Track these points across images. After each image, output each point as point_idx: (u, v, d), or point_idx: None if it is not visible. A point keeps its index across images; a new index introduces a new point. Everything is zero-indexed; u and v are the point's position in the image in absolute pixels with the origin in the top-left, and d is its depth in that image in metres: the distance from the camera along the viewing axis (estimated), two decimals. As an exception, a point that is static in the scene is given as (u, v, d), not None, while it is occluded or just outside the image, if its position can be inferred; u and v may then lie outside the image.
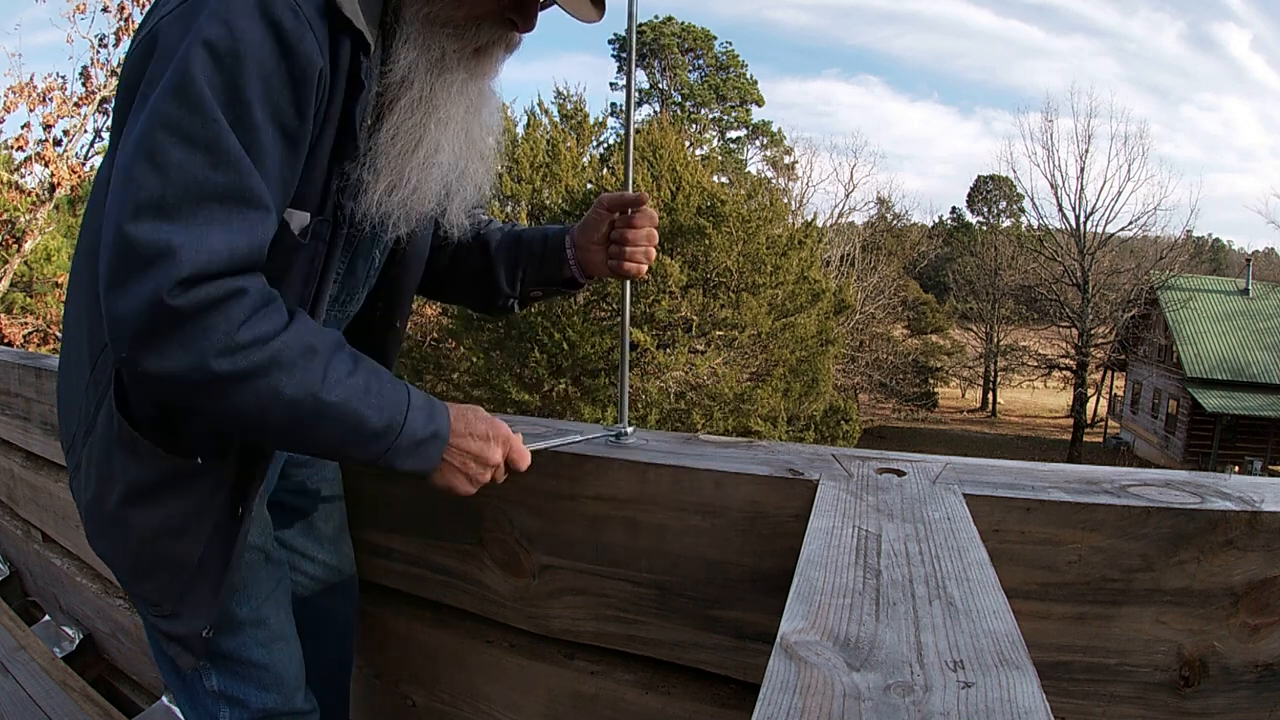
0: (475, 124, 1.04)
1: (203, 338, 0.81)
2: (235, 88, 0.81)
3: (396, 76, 0.95)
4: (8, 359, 2.37)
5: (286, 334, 0.86)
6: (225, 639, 1.07)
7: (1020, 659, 0.55)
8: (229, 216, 0.82)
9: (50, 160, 10.96)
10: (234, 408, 0.85)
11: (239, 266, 0.83)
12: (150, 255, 0.79)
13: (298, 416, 0.87)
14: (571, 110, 17.65)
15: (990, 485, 0.95)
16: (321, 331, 0.91)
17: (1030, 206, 37.35)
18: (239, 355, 0.82)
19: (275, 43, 0.83)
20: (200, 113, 0.80)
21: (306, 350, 0.87)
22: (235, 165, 0.82)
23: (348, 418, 0.89)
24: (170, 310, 0.79)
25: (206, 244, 0.81)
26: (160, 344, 0.81)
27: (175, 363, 0.81)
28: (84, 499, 1.01)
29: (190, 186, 0.80)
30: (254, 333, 0.83)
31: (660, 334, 14.33)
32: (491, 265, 1.27)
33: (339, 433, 0.90)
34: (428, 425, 0.95)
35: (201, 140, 0.81)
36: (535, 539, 1.19)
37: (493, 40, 1.00)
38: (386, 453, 0.93)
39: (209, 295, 0.81)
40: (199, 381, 0.82)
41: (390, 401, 0.92)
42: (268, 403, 0.85)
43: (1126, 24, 76.89)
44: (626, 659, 1.16)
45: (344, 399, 0.88)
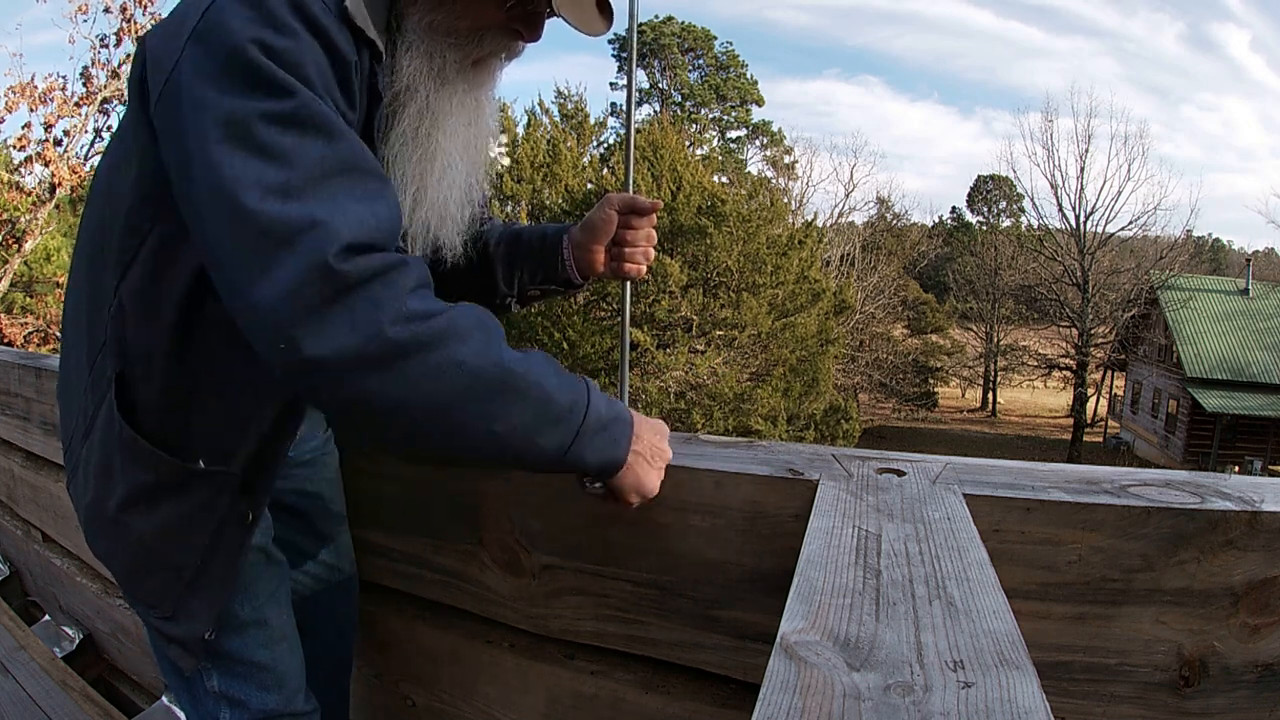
0: (474, 136, 1.03)
1: (373, 309, 0.73)
2: (301, 70, 0.79)
3: (401, 85, 0.94)
4: (8, 359, 2.38)
5: (457, 307, 0.79)
6: (227, 639, 1.07)
7: (1020, 659, 0.55)
8: (358, 188, 0.77)
9: (51, 160, 10.95)
10: (410, 388, 0.76)
11: (388, 238, 0.79)
12: (293, 231, 0.73)
13: (482, 391, 0.78)
14: (572, 110, 17.66)
15: (990, 485, 0.95)
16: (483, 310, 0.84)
17: (1030, 206, 37.40)
18: (416, 323, 0.75)
19: (314, 36, 0.81)
20: (290, 96, 0.77)
21: (480, 323, 0.81)
22: (346, 137, 0.79)
23: (534, 390, 0.81)
24: (337, 276, 0.72)
25: (354, 215, 0.75)
26: (325, 321, 0.73)
27: (342, 339, 0.73)
28: (83, 501, 1.01)
29: (311, 165, 0.75)
30: (425, 304, 0.77)
31: (660, 334, 14.33)
32: (490, 264, 1.26)
33: (526, 411, 0.81)
34: (610, 407, 0.88)
35: (305, 120, 0.77)
36: (535, 539, 1.19)
37: (494, 51, 0.99)
38: (576, 436, 0.84)
39: (374, 264, 0.74)
40: (375, 355, 0.74)
41: (571, 380, 0.85)
42: (450, 377, 0.76)
43: (1126, 24, 76.93)
44: (626, 659, 1.16)
45: (528, 371, 0.81)
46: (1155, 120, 78.17)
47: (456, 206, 1.04)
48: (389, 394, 0.76)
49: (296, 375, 0.76)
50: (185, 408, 0.95)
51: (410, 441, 0.83)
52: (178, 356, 0.92)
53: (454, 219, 1.05)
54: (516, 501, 1.19)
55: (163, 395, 0.94)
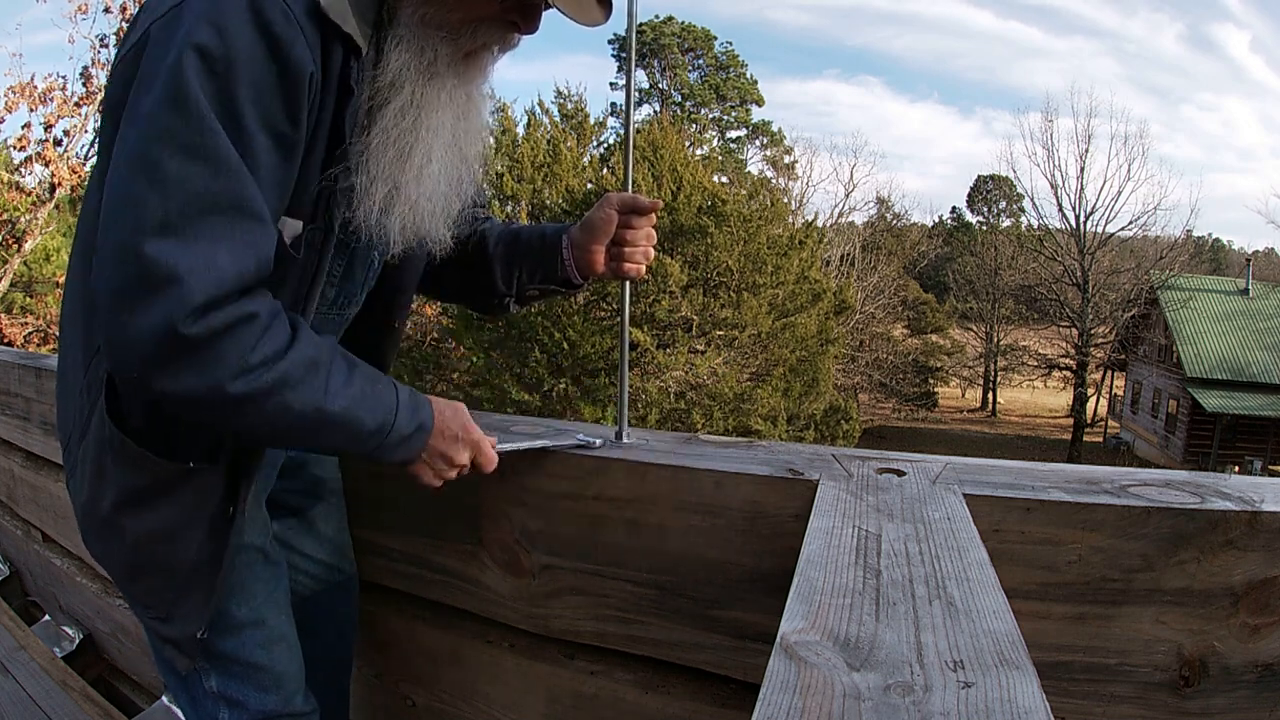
0: (463, 131, 1.03)
1: (217, 363, 0.82)
2: (228, 95, 0.81)
3: (387, 79, 0.94)
4: (8, 359, 2.37)
5: (293, 352, 0.88)
6: (225, 640, 1.07)
7: (1020, 659, 0.55)
8: (233, 231, 0.82)
9: (50, 160, 10.96)
10: (244, 423, 0.88)
11: (246, 285, 0.84)
12: (159, 280, 0.79)
13: (303, 426, 0.90)
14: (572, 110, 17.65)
15: (990, 485, 0.94)
16: (319, 342, 0.92)
17: (1030, 206, 37.38)
18: (251, 377, 0.84)
19: (266, 48, 0.82)
20: (196, 121, 0.80)
21: (310, 365, 0.89)
22: (235, 175, 0.82)
23: (348, 423, 0.93)
24: (184, 339, 0.80)
25: (215, 265, 0.81)
26: (173, 369, 0.82)
27: (189, 386, 0.83)
28: (79, 501, 1.01)
29: (192, 200, 0.80)
30: (264, 354, 0.85)
31: (660, 334, 14.33)
32: (488, 264, 1.26)
33: (339, 436, 0.94)
34: (412, 421, 0.99)
35: (199, 150, 0.80)
36: (535, 539, 1.19)
37: (487, 43, 0.99)
38: (378, 448, 0.97)
39: (222, 322, 0.82)
40: (213, 402, 0.84)
41: (383, 403, 0.96)
42: (278, 417, 0.88)
43: (1126, 25, 76.93)
44: (626, 659, 1.16)
45: (344, 407, 0.92)
46: (1155, 120, 78.27)
47: (441, 201, 1.03)
48: (231, 423, 0.90)
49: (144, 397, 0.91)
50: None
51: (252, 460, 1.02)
52: None
53: (437, 214, 1.04)
54: (516, 501, 1.19)
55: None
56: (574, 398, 13.63)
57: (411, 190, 0.98)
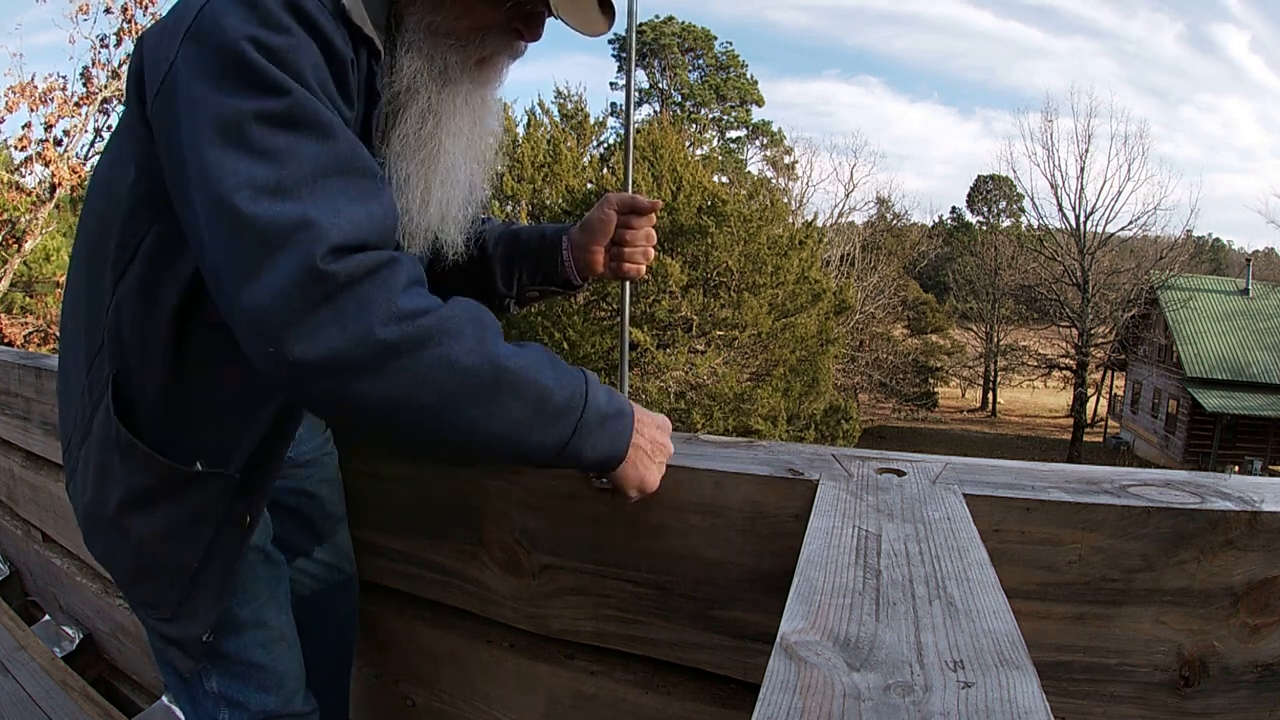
0: (478, 136, 1.03)
1: (362, 309, 0.72)
2: (297, 71, 0.78)
3: (402, 85, 0.94)
4: (8, 359, 2.37)
5: (450, 304, 0.78)
6: (225, 640, 1.07)
7: (1020, 659, 0.55)
8: (352, 188, 0.77)
9: (51, 160, 10.96)
10: (403, 388, 0.74)
11: (382, 238, 0.78)
12: (283, 231, 0.72)
13: (476, 390, 0.77)
14: (572, 110, 17.66)
15: (990, 485, 0.94)
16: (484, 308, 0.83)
17: (1030, 206, 37.32)
18: (406, 322, 0.74)
19: (312, 34, 0.80)
20: (282, 93, 0.76)
21: (474, 319, 0.79)
22: (340, 136, 0.78)
23: (530, 387, 0.80)
24: (325, 278, 0.71)
25: (345, 215, 0.74)
26: (313, 323, 0.72)
27: (332, 340, 0.72)
28: (81, 502, 1.00)
29: (303, 165, 0.75)
30: (416, 301, 0.76)
31: (660, 334, 14.33)
32: (488, 265, 1.26)
33: (522, 408, 0.80)
34: (611, 401, 0.87)
35: (294, 119, 0.76)
36: (535, 539, 1.19)
37: (497, 51, 0.99)
38: (574, 433, 0.83)
39: (363, 263, 0.73)
40: (364, 356, 0.72)
41: (569, 373, 0.84)
42: (442, 376, 0.75)
43: (1126, 25, 76.91)
44: (626, 659, 1.16)
45: (524, 366, 0.80)
46: (1155, 120, 78.28)
47: (459, 206, 1.04)
48: (381, 394, 0.74)
49: (286, 379, 0.75)
50: (182, 410, 0.94)
51: (405, 439, 0.82)
52: (175, 357, 0.92)
53: (456, 219, 1.04)
54: (517, 501, 1.19)
55: (160, 397, 0.93)
56: (574, 398, 13.62)
57: (438, 193, 0.98)
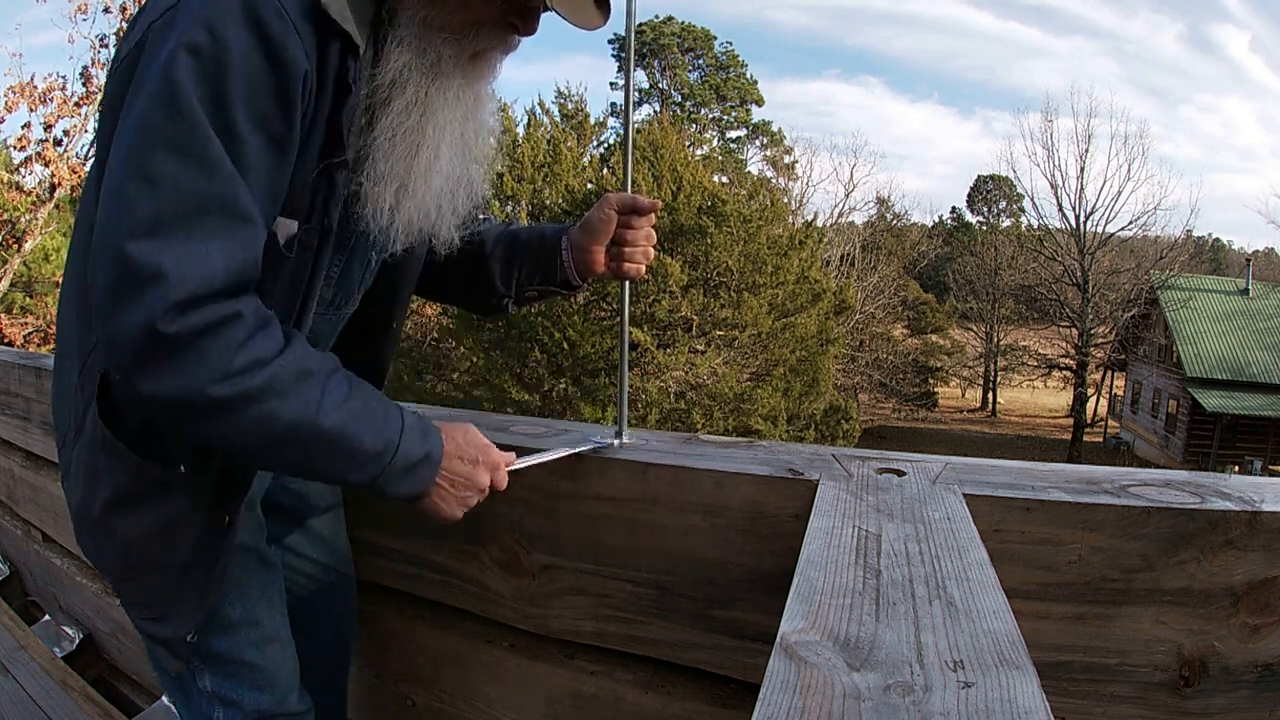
0: (471, 129, 1.03)
1: (198, 364, 0.80)
2: (221, 96, 0.81)
3: (388, 78, 0.94)
4: (8, 359, 2.38)
5: (282, 358, 0.85)
6: (218, 640, 1.07)
7: (1020, 659, 0.55)
8: (221, 232, 0.81)
9: (50, 160, 10.96)
10: (229, 432, 0.84)
11: (233, 287, 0.83)
12: (143, 278, 0.78)
13: (293, 441, 0.86)
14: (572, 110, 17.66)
15: (990, 485, 0.94)
16: (316, 355, 0.90)
17: (1030, 206, 37.31)
18: (234, 381, 0.82)
19: (260, 47, 0.81)
20: (189, 124, 0.80)
21: (302, 374, 0.86)
22: (226, 178, 0.82)
23: (343, 442, 0.88)
24: (164, 337, 0.79)
25: (201, 264, 0.80)
26: (155, 368, 0.80)
27: (170, 387, 0.81)
28: (73, 501, 1.01)
29: (182, 201, 0.80)
30: (250, 357, 0.82)
31: (660, 334, 14.33)
32: (487, 265, 1.26)
33: (334, 458, 0.89)
34: (421, 447, 0.95)
35: (191, 152, 0.80)
36: (535, 539, 1.19)
37: (491, 45, 0.99)
38: (380, 476, 0.92)
39: (204, 320, 0.80)
40: (194, 406, 0.82)
41: (385, 425, 0.92)
42: (263, 428, 0.84)
43: (1126, 25, 76.95)
44: (626, 659, 1.16)
45: (339, 423, 0.88)
46: (1155, 120, 78.40)
47: (448, 199, 1.04)
48: (211, 434, 0.86)
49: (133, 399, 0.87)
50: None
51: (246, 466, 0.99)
52: None
53: (445, 212, 1.04)
54: (516, 501, 1.19)
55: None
56: (574, 398, 13.63)
57: (419, 187, 0.98)
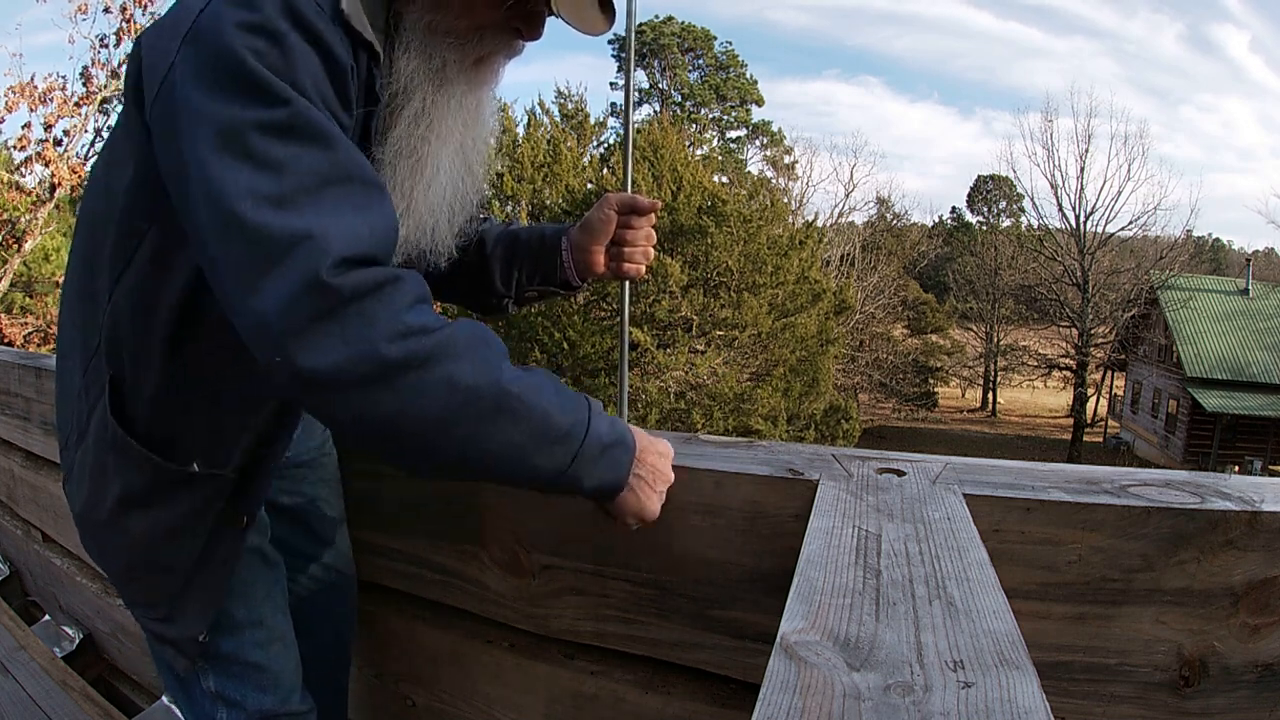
0: (470, 139, 1.02)
1: (367, 325, 0.73)
2: (295, 80, 0.78)
3: (399, 85, 0.93)
4: (8, 359, 2.37)
5: (454, 324, 0.78)
6: (223, 640, 1.07)
7: (1020, 659, 0.55)
8: (355, 198, 0.77)
9: (51, 160, 10.96)
10: (405, 405, 0.75)
11: (384, 251, 0.78)
12: (288, 242, 0.72)
13: (477, 411, 0.77)
14: (572, 110, 17.67)
15: (990, 485, 0.94)
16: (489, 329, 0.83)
17: (1030, 206, 37.33)
18: (411, 340, 0.74)
19: (313, 43, 0.80)
20: (283, 103, 0.76)
21: (479, 340, 0.79)
22: (341, 145, 0.78)
23: (532, 411, 0.80)
24: (330, 291, 0.72)
25: (348, 227, 0.74)
26: (319, 334, 0.72)
27: (338, 354, 0.72)
28: (78, 502, 1.01)
29: (308, 177, 0.75)
30: (420, 319, 0.76)
31: (660, 334, 14.33)
32: (487, 265, 1.26)
33: (523, 432, 0.80)
34: (612, 430, 0.87)
35: (295, 129, 0.76)
36: (535, 539, 1.19)
37: (495, 50, 0.98)
38: (574, 460, 0.83)
39: (368, 279, 0.74)
40: (367, 372, 0.73)
41: (572, 400, 0.84)
42: (444, 395, 0.75)
43: (1126, 25, 76.89)
44: (626, 659, 1.16)
45: (526, 390, 0.80)
46: (1155, 120, 78.32)
47: (447, 211, 1.02)
48: (383, 410, 0.75)
49: (292, 386, 0.75)
50: (179, 411, 0.94)
51: (403, 456, 0.82)
52: (173, 360, 0.92)
53: (444, 223, 1.03)
54: (517, 501, 1.19)
55: (156, 398, 0.93)
56: (574, 398, 13.61)
57: (421, 203, 0.97)
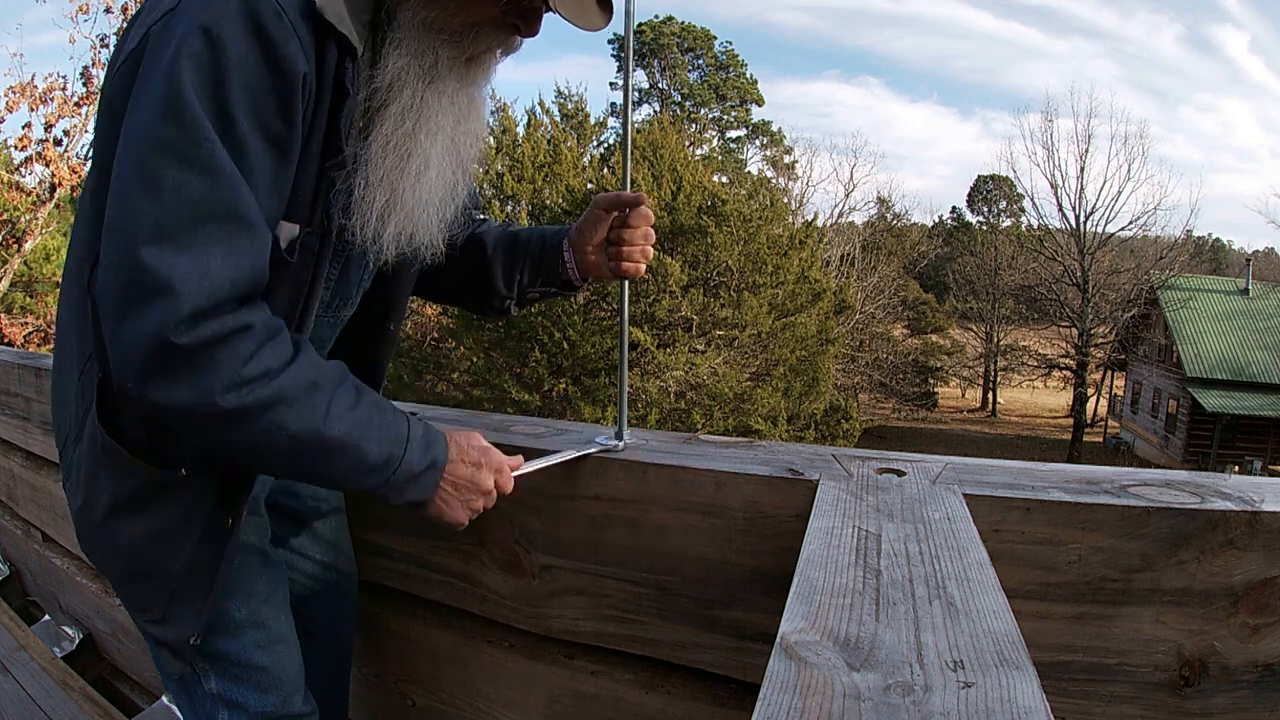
0: (461, 135, 1.02)
1: (209, 374, 0.81)
2: (222, 100, 0.81)
3: (385, 81, 0.93)
4: (8, 359, 2.37)
5: (291, 368, 0.86)
6: (224, 641, 1.07)
7: (1020, 659, 0.55)
8: (228, 239, 0.82)
9: (51, 160, 10.97)
10: (237, 441, 0.86)
11: (242, 296, 0.84)
12: (154, 287, 0.79)
13: (299, 450, 0.87)
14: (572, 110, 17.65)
15: (990, 485, 0.94)
16: (324, 364, 0.91)
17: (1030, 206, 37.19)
18: (245, 391, 0.83)
19: (259, 49, 0.81)
20: (192, 131, 0.80)
21: (310, 386, 0.87)
22: (230, 183, 0.82)
23: (349, 452, 0.90)
24: (176, 348, 0.79)
25: (210, 274, 0.80)
26: (166, 378, 0.81)
27: (180, 397, 0.81)
28: (74, 504, 1.01)
29: (187, 209, 0.80)
30: (260, 368, 0.83)
31: (660, 334, 14.33)
32: (488, 267, 1.26)
33: (339, 466, 0.90)
34: (424, 458, 0.96)
35: (194, 160, 0.80)
36: (535, 539, 1.19)
37: (490, 47, 0.98)
38: (384, 484, 0.94)
39: (215, 331, 0.81)
40: (204, 416, 0.83)
41: (391, 435, 0.93)
42: (272, 438, 0.85)
43: (1125, 26, 76.94)
44: (626, 659, 1.16)
45: (345, 433, 0.89)
46: (1154, 121, 78.50)
47: (436, 206, 1.03)
48: (219, 443, 0.86)
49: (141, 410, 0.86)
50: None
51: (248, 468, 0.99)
52: None
53: (433, 220, 1.04)
54: (516, 501, 1.19)
55: None
56: (574, 398, 13.62)
57: (408, 197, 0.98)
